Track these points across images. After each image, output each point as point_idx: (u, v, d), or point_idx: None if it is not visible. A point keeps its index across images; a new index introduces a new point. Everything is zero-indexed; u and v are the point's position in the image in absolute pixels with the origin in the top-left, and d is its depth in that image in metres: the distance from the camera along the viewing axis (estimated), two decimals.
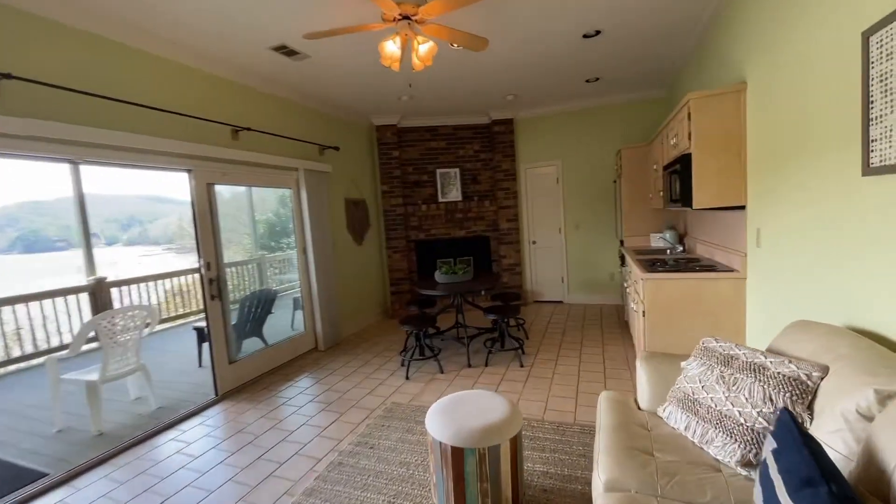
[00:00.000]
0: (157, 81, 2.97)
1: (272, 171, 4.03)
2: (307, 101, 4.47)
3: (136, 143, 2.75)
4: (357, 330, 5.24)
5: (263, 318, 4.32)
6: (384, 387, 3.41)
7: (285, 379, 3.73)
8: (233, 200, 4.77)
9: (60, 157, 2.50)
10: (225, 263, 3.55)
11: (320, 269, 4.46)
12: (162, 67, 3.01)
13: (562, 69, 4.22)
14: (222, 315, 3.44)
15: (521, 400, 2.99)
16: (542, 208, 5.97)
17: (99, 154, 2.62)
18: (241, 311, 4.11)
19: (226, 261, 3.54)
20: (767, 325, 2.40)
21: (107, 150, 2.65)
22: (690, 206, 2.74)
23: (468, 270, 4.06)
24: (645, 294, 2.89)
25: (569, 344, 4.13)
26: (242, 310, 4.11)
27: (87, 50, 2.58)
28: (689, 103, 2.67)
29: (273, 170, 4.03)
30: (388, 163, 5.71)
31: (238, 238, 5.75)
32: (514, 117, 5.83)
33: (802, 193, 1.90)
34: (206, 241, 3.30)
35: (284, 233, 5.44)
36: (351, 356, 4.24)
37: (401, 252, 5.82)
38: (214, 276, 3.35)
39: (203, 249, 3.28)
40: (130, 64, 2.81)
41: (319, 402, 3.21)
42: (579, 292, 5.90)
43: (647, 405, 1.86)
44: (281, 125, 4.11)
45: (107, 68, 2.67)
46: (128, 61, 2.79)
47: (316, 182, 4.46)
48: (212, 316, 3.35)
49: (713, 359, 1.62)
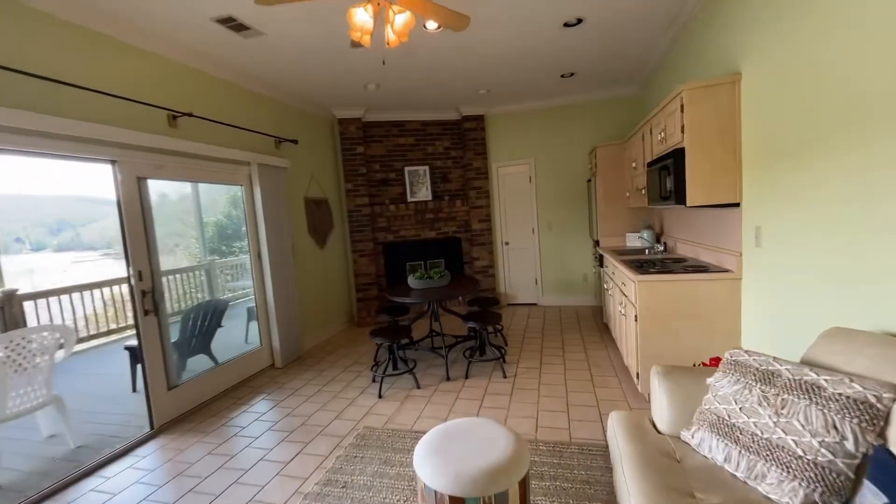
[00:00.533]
0: (69, 53, 2.44)
1: (220, 165, 3.53)
2: (262, 88, 3.99)
3: (38, 124, 2.21)
4: (321, 342, 4.79)
5: (212, 333, 3.79)
6: (354, 408, 3.02)
7: (238, 403, 3.25)
8: (177, 199, 4.19)
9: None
10: (164, 271, 3.03)
11: (277, 276, 3.99)
12: (73, 36, 2.48)
13: (538, 61, 4.01)
14: (159, 332, 2.92)
15: (510, 417, 2.72)
16: (515, 208, 5.78)
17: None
18: (183, 326, 3.56)
19: (168, 267, 3.03)
20: (767, 329, 2.27)
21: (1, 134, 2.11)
22: (684, 203, 2.59)
23: (444, 275, 3.76)
24: (638, 297, 2.71)
25: (550, 350, 3.93)
26: (186, 324, 3.57)
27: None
28: (683, 94, 2.51)
29: (221, 163, 3.53)
30: (352, 159, 5.30)
31: (185, 242, 5.12)
32: (485, 113, 5.59)
33: (825, 188, 1.74)
34: (136, 246, 2.78)
35: (237, 236, 4.90)
36: (314, 373, 3.81)
37: (368, 255, 5.41)
38: (148, 288, 2.83)
39: (133, 256, 2.75)
40: (31, 29, 2.27)
41: (279, 430, 2.78)
42: (553, 294, 5.76)
43: (667, 428, 1.63)
44: (231, 113, 3.62)
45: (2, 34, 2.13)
46: (29, 25, 2.25)
47: (271, 178, 3.99)
48: (146, 334, 2.82)
49: (749, 375, 1.41)
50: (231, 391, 3.50)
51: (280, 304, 4.01)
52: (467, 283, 3.77)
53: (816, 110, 1.76)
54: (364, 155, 5.36)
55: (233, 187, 3.86)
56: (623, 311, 3.14)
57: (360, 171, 5.33)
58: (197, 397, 3.22)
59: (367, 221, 5.38)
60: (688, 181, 2.55)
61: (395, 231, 5.58)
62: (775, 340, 2.20)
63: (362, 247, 5.39)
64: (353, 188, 5.32)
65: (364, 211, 5.36)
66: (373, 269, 5.43)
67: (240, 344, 4.20)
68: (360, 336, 4.91)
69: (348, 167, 5.29)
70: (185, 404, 3.10)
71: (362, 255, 5.40)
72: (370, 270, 5.42)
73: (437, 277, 3.71)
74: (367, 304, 5.42)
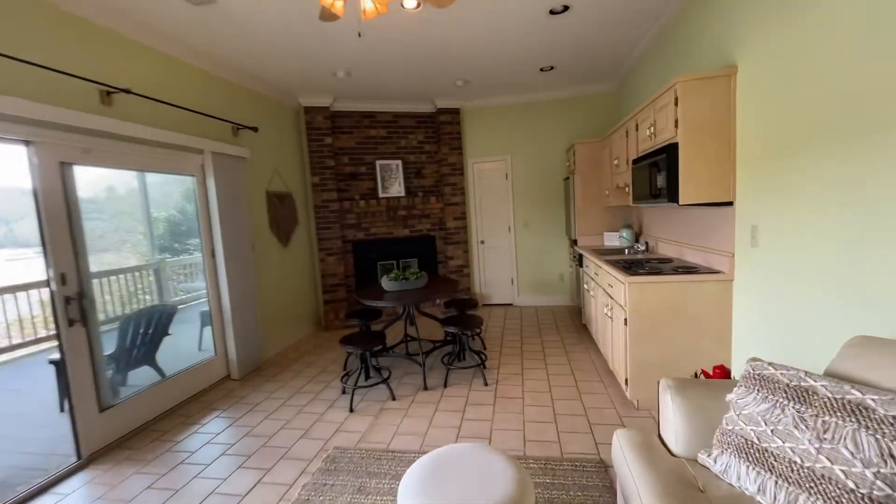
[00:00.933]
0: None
1: (167, 152, 3.11)
2: (217, 69, 3.58)
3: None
4: (284, 349, 4.41)
5: (157, 342, 3.35)
6: (322, 424, 2.72)
7: (187, 422, 2.87)
8: (126, 192, 3.69)
9: None
10: (101, 272, 2.61)
11: (234, 277, 3.59)
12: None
13: (519, 52, 3.83)
14: (88, 345, 2.49)
15: (495, 430, 2.51)
16: (491, 206, 5.60)
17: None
18: (122, 335, 3.12)
19: (110, 267, 2.61)
20: (761, 332, 2.19)
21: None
22: (676, 202, 2.47)
23: (420, 276, 3.50)
24: (628, 300, 2.57)
25: (531, 353, 3.77)
26: (125, 333, 3.12)
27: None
28: (677, 86, 2.39)
29: (168, 150, 3.11)
30: (319, 150, 4.93)
31: (133, 239, 4.58)
32: (461, 107, 5.37)
33: (829, 186, 1.64)
34: (59, 244, 2.35)
35: (192, 232, 4.43)
36: (277, 384, 3.45)
37: (336, 254, 5.07)
38: (74, 293, 2.41)
39: (54, 257, 2.32)
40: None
41: (234, 454, 2.44)
42: (529, 294, 5.63)
43: (682, 449, 1.47)
44: (180, 94, 3.20)
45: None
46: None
47: (228, 169, 3.58)
48: (70, 348, 2.40)
49: (778, 392, 1.26)
50: (180, 408, 3.09)
51: (237, 307, 3.62)
52: (445, 284, 3.54)
53: (822, 104, 1.66)
54: (332, 147, 5.00)
55: (187, 179, 3.43)
56: (609, 313, 3.01)
57: (328, 163, 4.97)
58: (138, 417, 2.80)
59: (335, 218, 5.03)
60: (681, 178, 2.44)
61: (365, 228, 5.26)
62: (769, 343, 2.12)
63: (330, 245, 5.04)
64: (319, 182, 4.95)
65: (332, 207, 5.01)
66: (341, 269, 5.09)
67: (192, 353, 3.76)
68: (327, 341, 4.57)
69: (315, 159, 4.92)
70: (123, 427, 2.69)
71: (330, 254, 5.04)
72: (338, 270, 5.08)
73: (413, 278, 3.46)
74: (336, 307, 5.08)
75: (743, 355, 2.39)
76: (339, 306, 5.09)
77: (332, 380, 3.45)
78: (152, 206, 4.17)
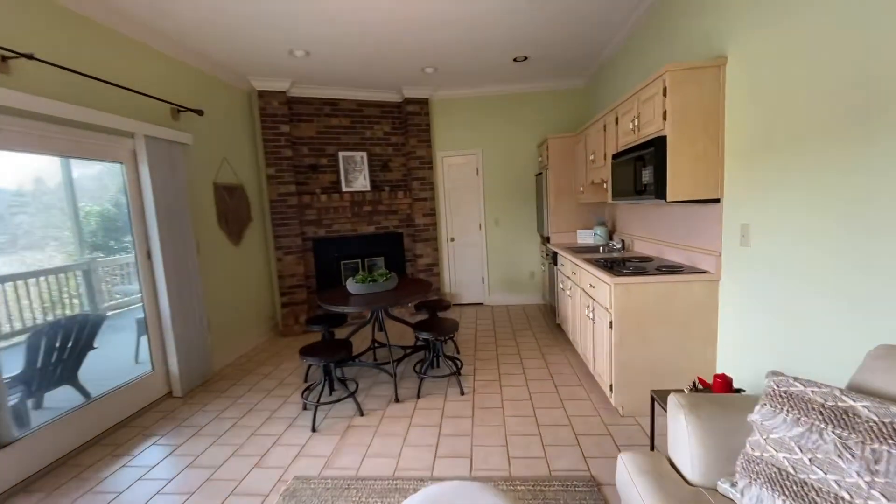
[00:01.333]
0: None
1: (87, 134, 2.63)
2: (153, 40, 3.09)
3: None
4: (237, 358, 3.98)
5: (80, 357, 2.86)
6: (280, 449, 2.39)
7: (116, 454, 2.44)
8: (56, 185, 3.13)
9: None
10: (13, 275, 2.13)
11: (175, 280, 3.15)
12: None
13: (494, 37, 3.62)
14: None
15: (476, 447, 2.30)
16: (461, 202, 5.39)
17: None
18: (32, 352, 2.61)
19: (28, 268, 2.15)
20: (751, 335, 2.11)
21: None
22: (664, 198, 2.35)
23: (390, 277, 3.22)
24: (614, 302, 2.43)
25: (506, 357, 3.59)
26: (34, 350, 2.62)
27: None
28: (666, 76, 2.26)
29: (88, 131, 2.63)
30: (275, 139, 4.49)
31: (59, 236, 3.95)
32: (429, 97, 5.10)
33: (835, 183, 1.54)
34: None
35: (129, 228, 3.89)
36: (227, 400, 3.06)
37: (294, 253, 4.66)
38: None
39: None
40: None
41: (173, 493, 2.06)
42: (500, 293, 5.48)
43: (699, 477, 1.30)
44: (104, 65, 2.72)
45: None
46: None
47: (166, 156, 3.12)
48: None
49: (812, 413, 1.11)
50: (108, 435, 2.65)
51: (179, 314, 3.18)
52: (417, 286, 3.27)
53: (822, 98, 1.55)
54: (290, 136, 4.58)
55: (110, 165, 2.94)
56: (590, 314, 2.88)
57: (285, 154, 4.54)
58: (53, 450, 2.34)
59: (293, 213, 4.62)
60: (669, 174, 2.32)
61: (327, 225, 4.89)
62: (759, 347, 2.04)
63: (288, 243, 4.62)
64: (276, 174, 4.52)
65: (290, 201, 4.59)
66: (301, 269, 4.69)
67: (128, 367, 3.27)
68: (286, 348, 4.18)
69: (270, 149, 4.48)
70: (32, 464, 2.23)
71: (288, 253, 4.63)
72: (297, 270, 4.68)
73: (382, 280, 3.17)
74: (295, 310, 4.68)
75: (730, 358, 2.31)
76: (299, 309, 4.70)
77: (292, 394, 3.10)
78: (87, 199, 3.59)
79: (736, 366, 2.26)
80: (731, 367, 2.29)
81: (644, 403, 2.49)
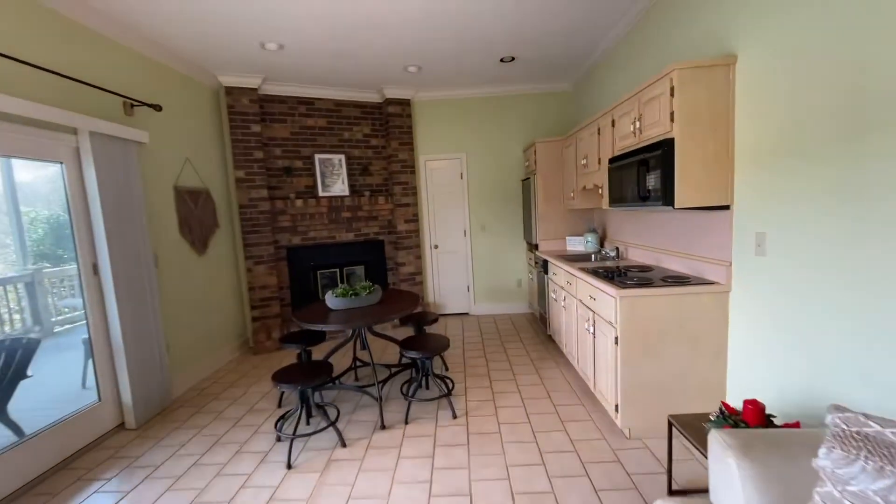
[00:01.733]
0: None
1: (17, 129, 2.25)
2: (105, 27, 2.73)
3: None
4: (201, 381, 3.59)
5: (10, 388, 2.45)
6: (250, 492, 2.07)
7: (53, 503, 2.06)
8: None
9: None
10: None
11: (126, 297, 2.78)
12: None
13: (480, 36, 3.43)
14: None
15: (475, 481, 2.05)
16: (446, 208, 5.16)
17: None
18: None
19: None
20: (763, 351, 1.97)
21: None
22: (671, 205, 2.20)
23: (373, 290, 2.95)
24: (620, 316, 2.25)
25: (498, 373, 3.37)
26: None
27: None
28: (674, 74, 2.11)
29: (19, 125, 2.26)
30: (244, 140, 4.15)
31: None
32: (412, 98, 4.87)
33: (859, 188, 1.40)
34: None
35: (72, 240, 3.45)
36: (189, 432, 2.70)
37: (267, 262, 4.31)
38: None
39: None
40: None
41: None
42: (485, 302, 5.28)
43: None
44: (39, 49, 2.35)
45: None
46: None
47: (116, 155, 2.75)
48: None
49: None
50: (44, 481, 2.25)
51: (132, 334, 2.80)
52: (404, 300, 3.01)
53: (848, 98, 1.42)
54: (261, 136, 4.25)
55: (50, 165, 2.56)
56: (590, 328, 2.69)
57: (256, 156, 4.20)
58: None
59: (265, 220, 4.27)
60: (677, 179, 2.17)
61: (302, 232, 4.56)
62: (776, 365, 1.90)
63: (259, 252, 4.27)
64: (245, 177, 4.17)
65: (261, 206, 4.25)
66: (274, 280, 4.34)
67: (74, 393, 2.85)
68: (257, 368, 3.82)
69: (240, 150, 4.13)
70: None
71: (259, 263, 4.27)
72: (270, 281, 4.32)
73: (365, 293, 2.89)
74: (267, 324, 4.32)
75: (743, 376, 2.17)
76: (272, 323, 4.34)
77: (264, 422, 2.77)
78: (39, 204, 3.16)
79: (750, 384, 2.11)
80: (746, 386, 2.14)
81: (653, 425, 2.32)
